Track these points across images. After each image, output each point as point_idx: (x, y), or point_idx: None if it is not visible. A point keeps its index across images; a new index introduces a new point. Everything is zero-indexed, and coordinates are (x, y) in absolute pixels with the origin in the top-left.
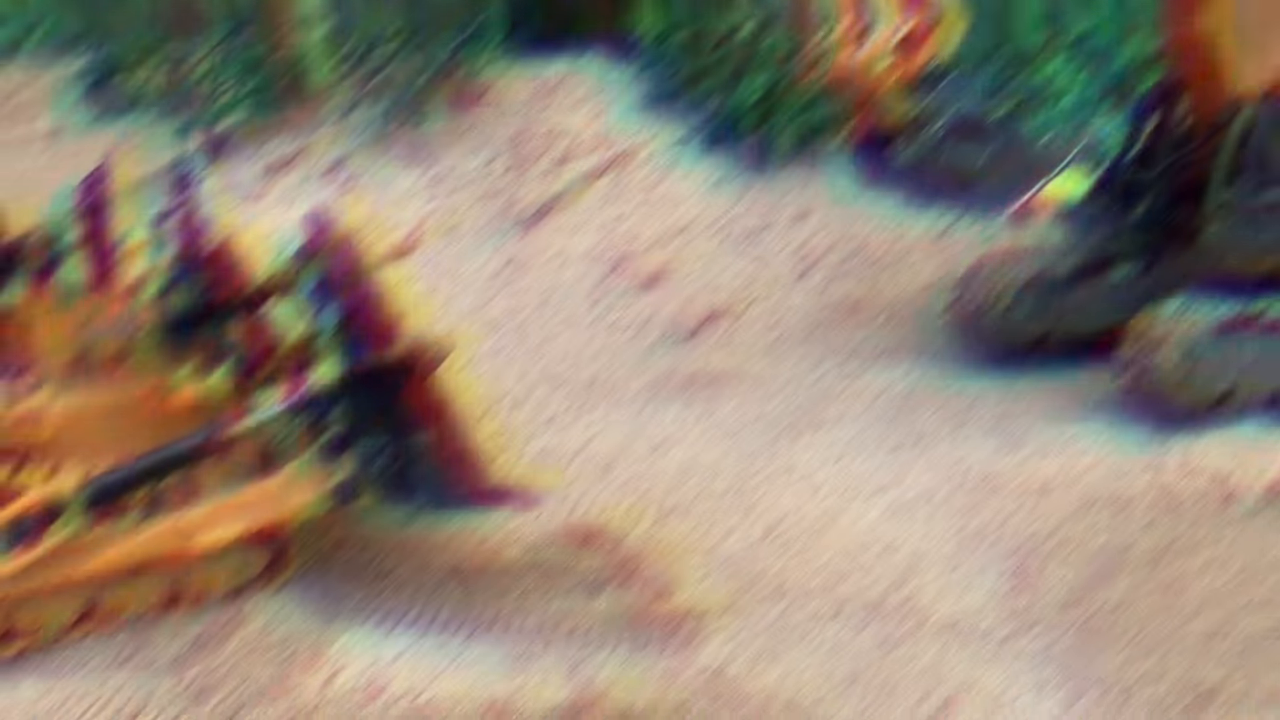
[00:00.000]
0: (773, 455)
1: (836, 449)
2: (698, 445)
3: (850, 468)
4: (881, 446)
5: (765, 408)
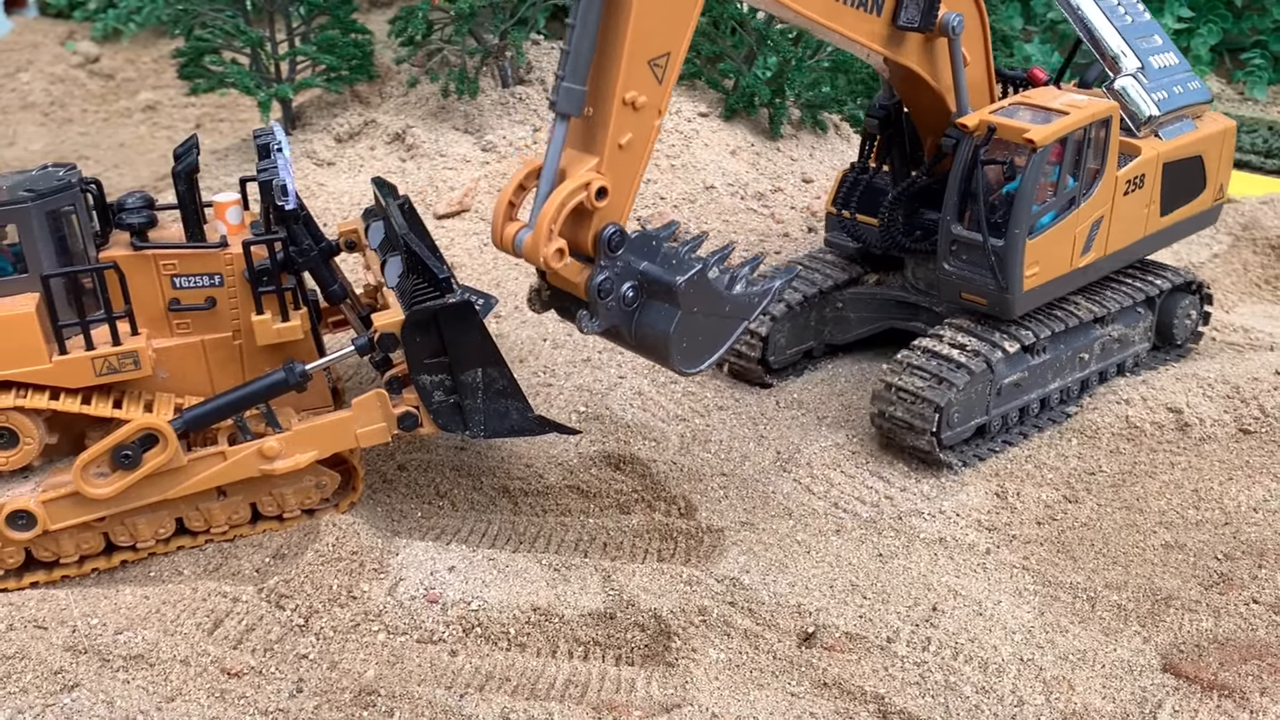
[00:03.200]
0: (782, 392)
1: (836, 386)
2: (717, 383)
3: (850, 400)
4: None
5: None
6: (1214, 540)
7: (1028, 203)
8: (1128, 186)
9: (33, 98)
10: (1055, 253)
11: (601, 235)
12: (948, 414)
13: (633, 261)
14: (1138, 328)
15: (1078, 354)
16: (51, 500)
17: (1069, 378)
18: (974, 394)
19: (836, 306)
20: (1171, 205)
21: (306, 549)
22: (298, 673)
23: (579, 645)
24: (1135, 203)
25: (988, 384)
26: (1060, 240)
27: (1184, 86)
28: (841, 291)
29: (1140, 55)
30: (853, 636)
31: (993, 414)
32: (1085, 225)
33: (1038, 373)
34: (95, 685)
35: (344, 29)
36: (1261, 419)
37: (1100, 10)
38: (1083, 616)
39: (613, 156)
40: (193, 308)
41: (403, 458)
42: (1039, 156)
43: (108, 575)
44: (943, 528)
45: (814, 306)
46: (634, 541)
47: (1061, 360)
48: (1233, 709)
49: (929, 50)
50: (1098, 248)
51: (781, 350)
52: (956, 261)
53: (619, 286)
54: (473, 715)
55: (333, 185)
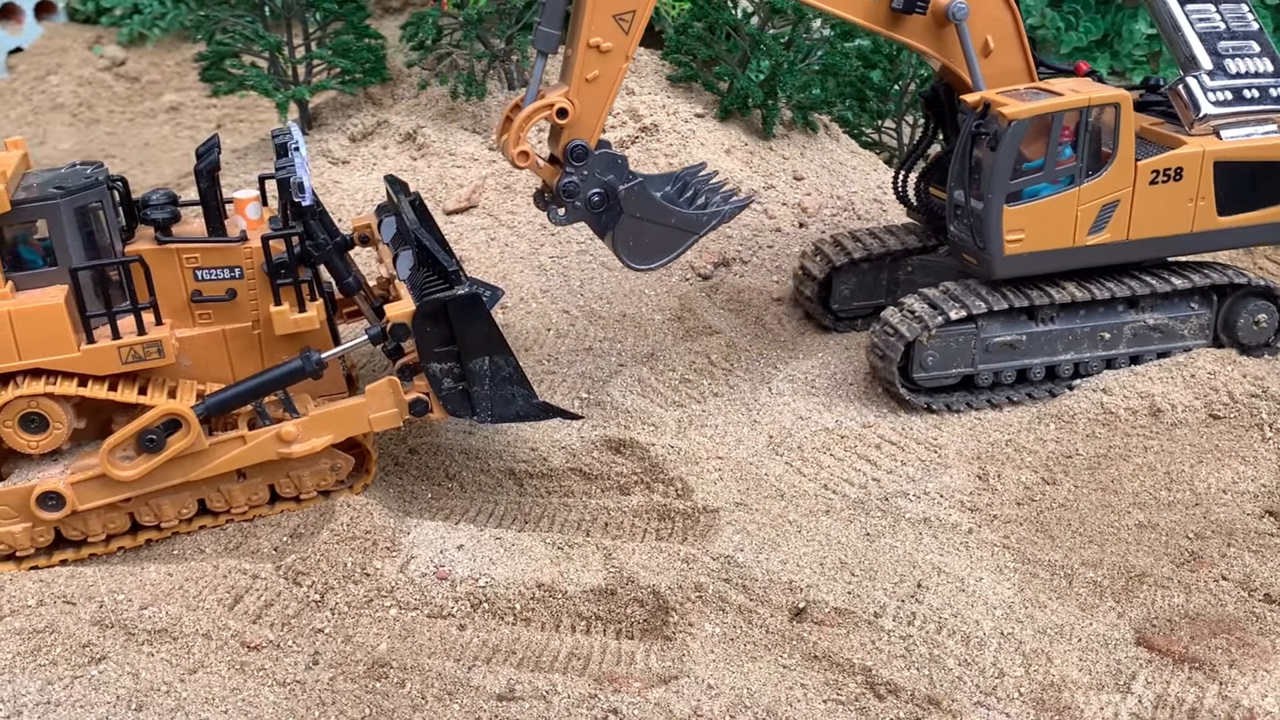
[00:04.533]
0: (774, 379)
1: (827, 372)
2: (712, 369)
3: (836, 390)
4: (860, 372)
5: (768, 338)
6: (1185, 520)
7: (1003, 171)
8: (1154, 176)
9: (62, 99)
10: (1048, 224)
11: (567, 147)
12: (919, 353)
13: (599, 172)
14: (1188, 323)
15: (1097, 331)
16: (80, 482)
17: (1085, 353)
18: (954, 342)
19: (907, 270)
20: (1235, 207)
21: (322, 528)
22: (314, 646)
23: (581, 620)
24: (1170, 195)
25: (971, 336)
26: (1054, 213)
27: (1265, 94)
28: (911, 257)
29: (1216, 58)
30: (841, 612)
31: (980, 368)
32: (1092, 205)
33: (1042, 340)
34: (121, 658)
35: (358, 34)
36: (1230, 405)
37: (1184, 16)
38: (1060, 593)
39: (579, 87)
40: (214, 299)
41: (414, 441)
42: (1013, 129)
43: (133, 553)
44: (927, 508)
45: (884, 267)
46: (633, 521)
47: (1076, 334)
48: (1203, 680)
49: (937, 33)
50: (1115, 230)
51: (846, 300)
52: (958, 225)
53: (584, 191)
54: (480, 686)
55: (347, 182)
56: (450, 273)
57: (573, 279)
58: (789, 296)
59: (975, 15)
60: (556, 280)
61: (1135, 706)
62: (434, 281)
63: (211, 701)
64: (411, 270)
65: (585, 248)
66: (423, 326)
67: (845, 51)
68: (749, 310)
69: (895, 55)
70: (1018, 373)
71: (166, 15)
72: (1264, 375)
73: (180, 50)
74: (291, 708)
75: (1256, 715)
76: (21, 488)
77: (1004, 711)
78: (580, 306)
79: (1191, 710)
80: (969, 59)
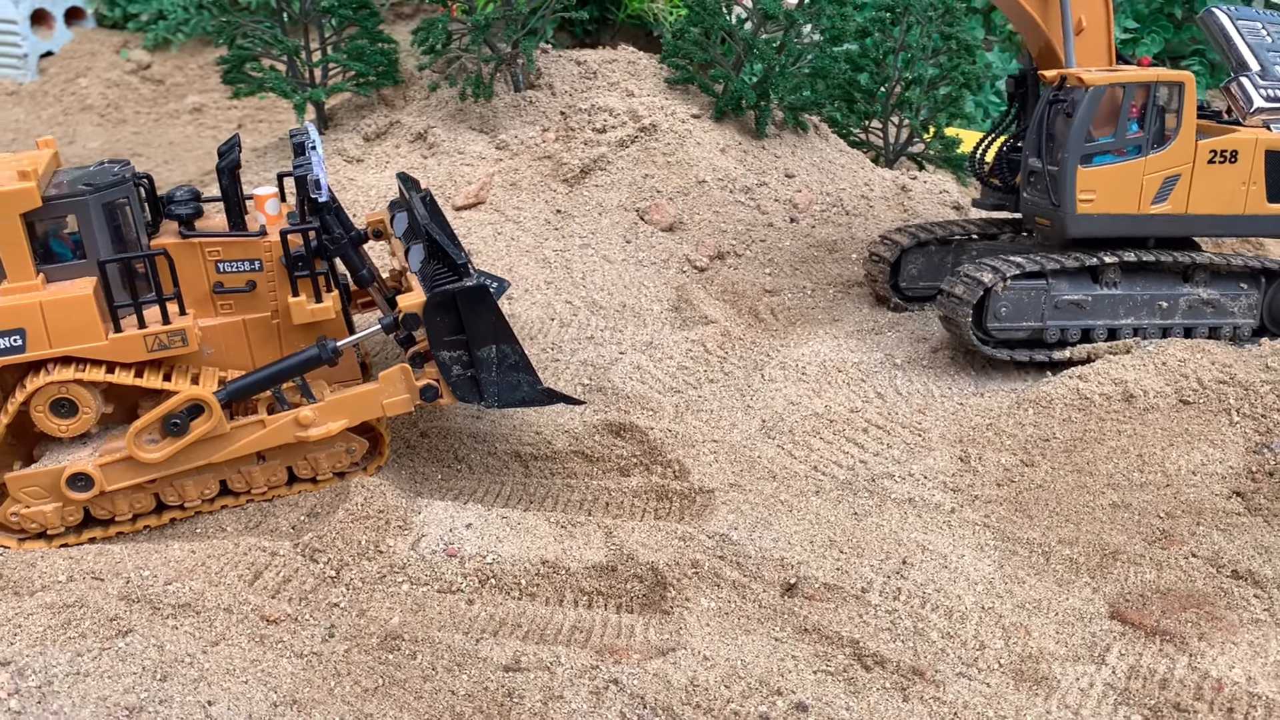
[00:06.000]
0: (767, 366)
1: (817, 360)
2: (708, 357)
3: (825, 377)
4: (848, 360)
5: (761, 328)
6: (1156, 500)
7: (1078, 134)
8: (1212, 156)
9: (90, 101)
10: (1117, 189)
11: None
12: (993, 303)
13: None
14: (1239, 301)
15: (1155, 300)
16: (108, 464)
17: (1144, 319)
18: (1026, 296)
19: (971, 254)
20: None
21: (338, 508)
22: (330, 619)
23: (583, 595)
24: (1226, 176)
25: (1042, 292)
26: (1122, 179)
27: None
28: (977, 243)
29: (1265, 64)
30: (830, 587)
31: (1049, 324)
32: (1156, 176)
33: (1106, 303)
34: (147, 631)
35: (371, 39)
36: (1200, 391)
37: (1235, 28)
38: (1038, 569)
39: None
40: (235, 290)
41: (424, 425)
42: (1091, 95)
43: (158, 532)
44: (912, 489)
45: (951, 250)
46: (633, 501)
47: (1136, 300)
48: (1173, 652)
49: (1045, 2)
50: (1175, 203)
51: (914, 280)
52: (1031, 190)
53: None
54: (488, 658)
55: (361, 180)
56: (460, 265)
57: (575, 271)
58: (862, 278)
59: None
60: (560, 272)
61: (1109, 677)
62: (444, 274)
63: (233, 672)
64: (423, 263)
65: (587, 241)
66: (433, 316)
67: (834, 56)
68: (743, 301)
69: (882, 59)
70: (1082, 333)
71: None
72: (1231, 363)
73: (203, 54)
74: (309, 678)
75: (1224, 685)
76: (52, 469)
77: (984, 682)
78: (582, 297)
79: (1163, 680)
80: (1066, 31)
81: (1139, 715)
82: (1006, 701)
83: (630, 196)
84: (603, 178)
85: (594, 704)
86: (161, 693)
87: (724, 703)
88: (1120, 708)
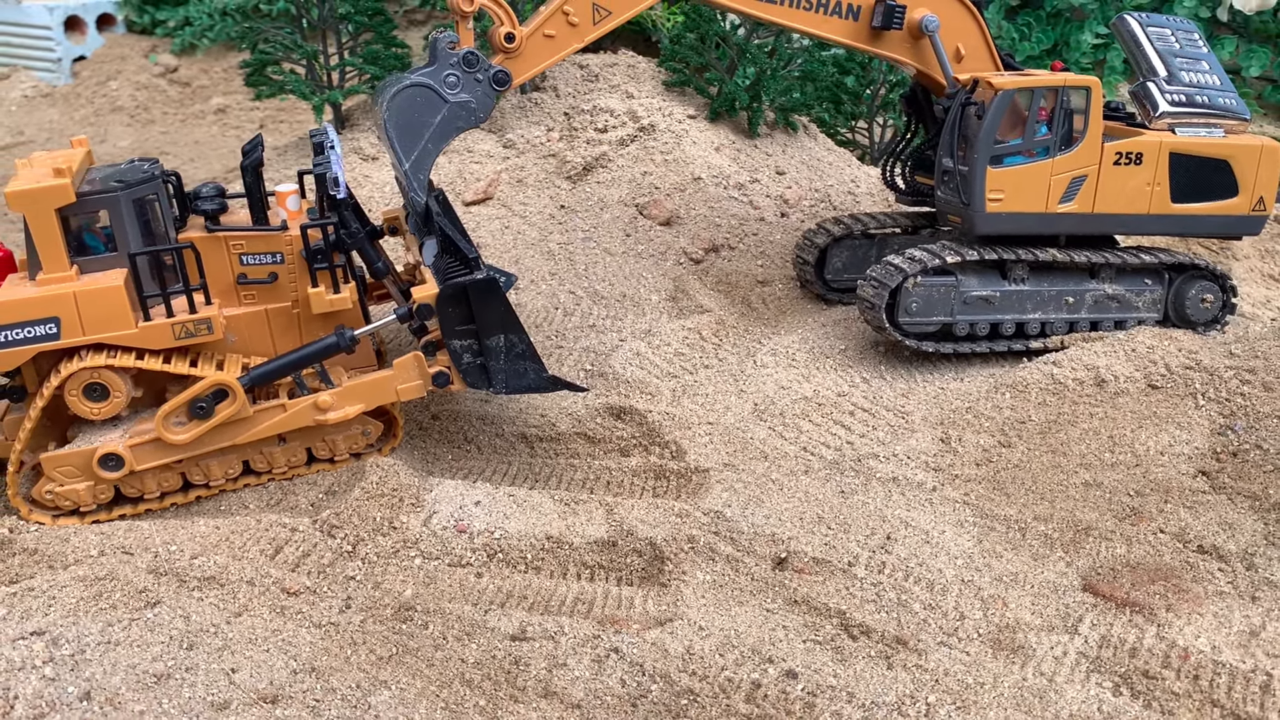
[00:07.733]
0: (759, 353)
1: (806, 346)
2: (703, 344)
3: (814, 363)
4: (835, 347)
5: (753, 316)
6: (1127, 479)
7: (988, 136)
8: (1118, 157)
9: (120, 102)
10: (1025, 189)
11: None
12: (903, 299)
13: None
14: (1142, 297)
15: (1062, 296)
16: (137, 445)
17: (1051, 314)
18: (935, 292)
19: (893, 248)
20: (1187, 196)
21: (354, 486)
22: (346, 591)
23: (585, 568)
24: (1131, 177)
25: (951, 288)
26: (1030, 179)
27: (1213, 101)
28: (899, 237)
29: (1171, 70)
30: (819, 561)
31: (958, 318)
32: (1064, 176)
33: (1014, 298)
34: (174, 602)
35: (386, 44)
36: (1167, 376)
37: (1145, 35)
38: (1015, 544)
39: (534, 40)
40: (258, 282)
41: (436, 409)
42: (999, 98)
43: (184, 509)
44: (895, 469)
45: (876, 244)
46: (632, 480)
47: (1044, 295)
48: (1142, 622)
49: (914, 45)
50: (1083, 202)
51: (839, 272)
52: (944, 189)
53: None
54: (495, 627)
55: (377, 177)
56: (470, 259)
57: (578, 263)
58: (785, 274)
59: (945, 27)
60: (563, 264)
61: (1082, 646)
62: (455, 267)
63: (255, 641)
64: (435, 256)
65: (590, 235)
66: (445, 307)
67: (823, 60)
68: (736, 291)
69: (867, 63)
70: (990, 327)
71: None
72: (1197, 349)
73: (227, 58)
74: (326, 646)
75: (1190, 653)
76: (85, 450)
77: (964, 650)
78: (585, 288)
79: (1132, 649)
80: (943, 65)
81: (1110, 682)
82: (985, 669)
83: (630, 192)
84: (604, 175)
85: (596, 671)
86: (188, 660)
87: (718, 670)
88: (1092, 675)
